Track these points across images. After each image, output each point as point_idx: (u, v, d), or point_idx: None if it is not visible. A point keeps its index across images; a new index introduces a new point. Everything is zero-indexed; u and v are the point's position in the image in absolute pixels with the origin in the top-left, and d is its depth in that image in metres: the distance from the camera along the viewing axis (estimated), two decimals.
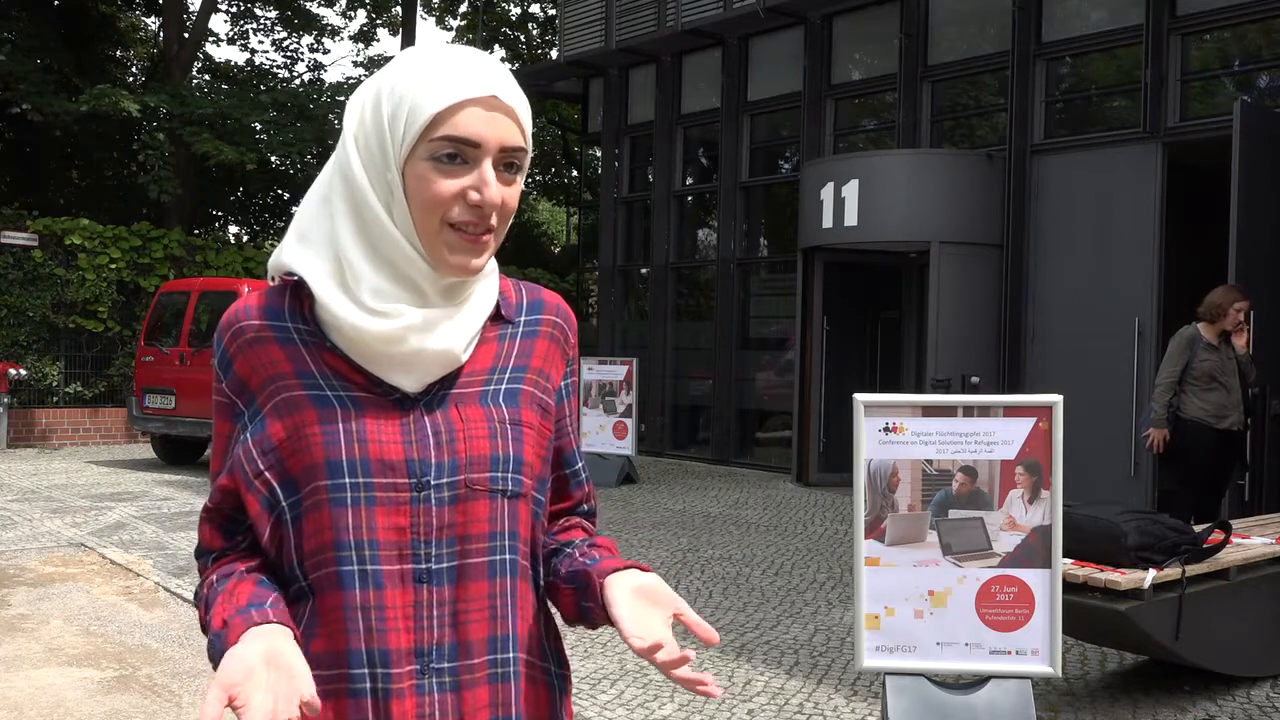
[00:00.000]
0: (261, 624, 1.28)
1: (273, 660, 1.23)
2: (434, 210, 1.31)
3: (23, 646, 5.51)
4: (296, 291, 1.38)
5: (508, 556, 1.38)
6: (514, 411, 1.40)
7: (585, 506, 1.56)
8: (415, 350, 1.33)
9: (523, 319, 1.46)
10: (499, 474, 1.37)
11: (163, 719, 4.58)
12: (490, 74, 1.32)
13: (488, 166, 1.31)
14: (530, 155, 1.37)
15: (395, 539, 1.33)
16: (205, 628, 1.35)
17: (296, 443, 1.33)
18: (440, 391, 1.37)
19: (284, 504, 1.34)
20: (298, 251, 1.37)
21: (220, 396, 1.40)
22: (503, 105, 1.32)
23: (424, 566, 1.34)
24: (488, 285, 1.42)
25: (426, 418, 1.36)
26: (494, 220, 1.33)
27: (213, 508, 1.38)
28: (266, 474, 1.34)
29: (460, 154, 1.30)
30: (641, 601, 1.34)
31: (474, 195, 1.30)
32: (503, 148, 1.32)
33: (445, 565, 1.34)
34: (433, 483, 1.34)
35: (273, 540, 1.36)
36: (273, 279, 1.42)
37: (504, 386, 1.41)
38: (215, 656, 1.28)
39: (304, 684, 1.21)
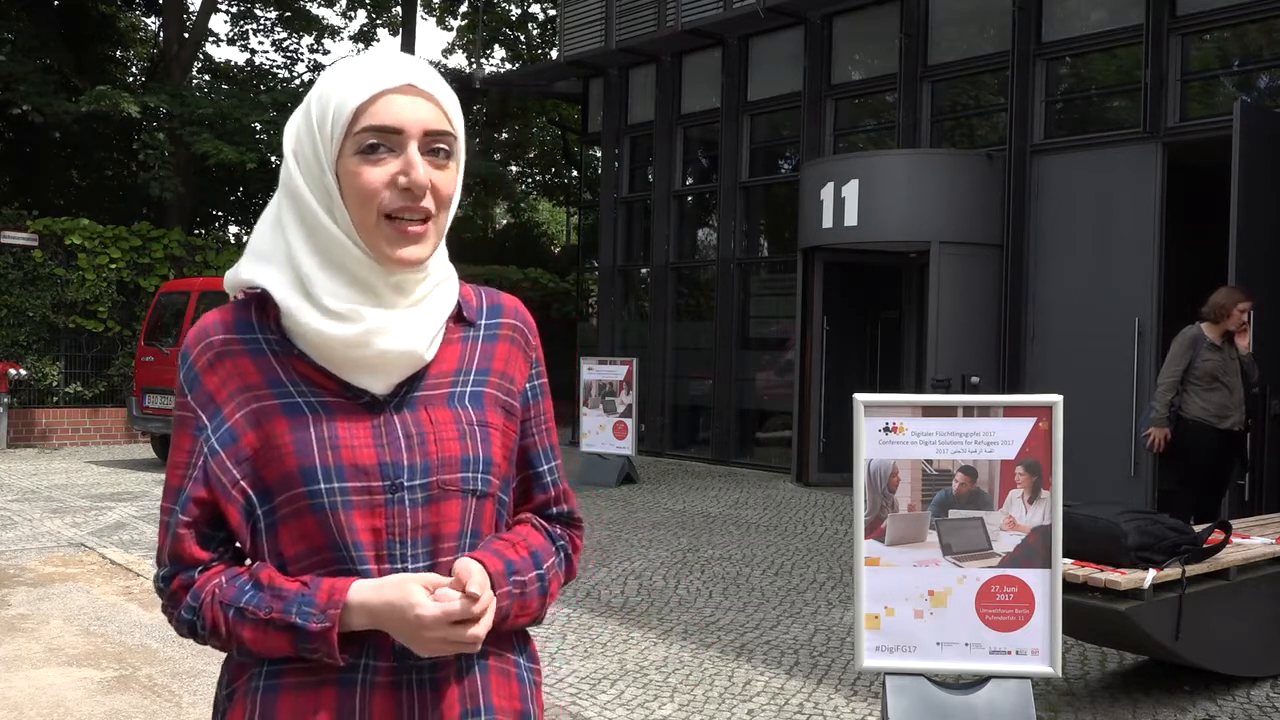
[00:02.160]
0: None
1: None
2: (368, 203, 1.34)
3: (23, 646, 5.52)
4: (262, 304, 1.41)
5: None
6: (480, 413, 1.43)
7: (553, 510, 1.56)
8: (380, 352, 1.36)
9: (483, 322, 1.49)
10: (469, 474, 1.40)
11: (163, 719, 4.58)
12: (405, 65, 1.36)
13: (413, 150, 1.34)
14: (462, 141, 1.40)
15: (372, 540, 1.35)
16: (232, 621, 1.34)
17: (269, 452, 1.35)
18: (409, 394, 1.40)
19: (259, 512, 1.36)
20: (255, 268, 1.40)
21: (184, 411, 1.40)
22: (421, 92, 1.35)
23: (399, 566, 1.36)
24: (447, 287, 1.45)
25: (397, 419, 1.38)
26: (429, 206, 1.35)
27: (190, 522, 1.38)
28: (242, 483, 1.36)
29: (385, 143, 1.34)
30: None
31: (402, 179, 1.33)
32: (426, 132, 1.35)
33: (421, 565, 1.37)
34: (406, 484, 1.36)
35: (254, 548, 1.38)
36: (235, 297, 1.46)
37: (469, 389, 1.44)
38: (306, 607, 1.31)
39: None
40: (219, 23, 43.56)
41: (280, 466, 1.34)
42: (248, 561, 1.42)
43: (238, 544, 1.41)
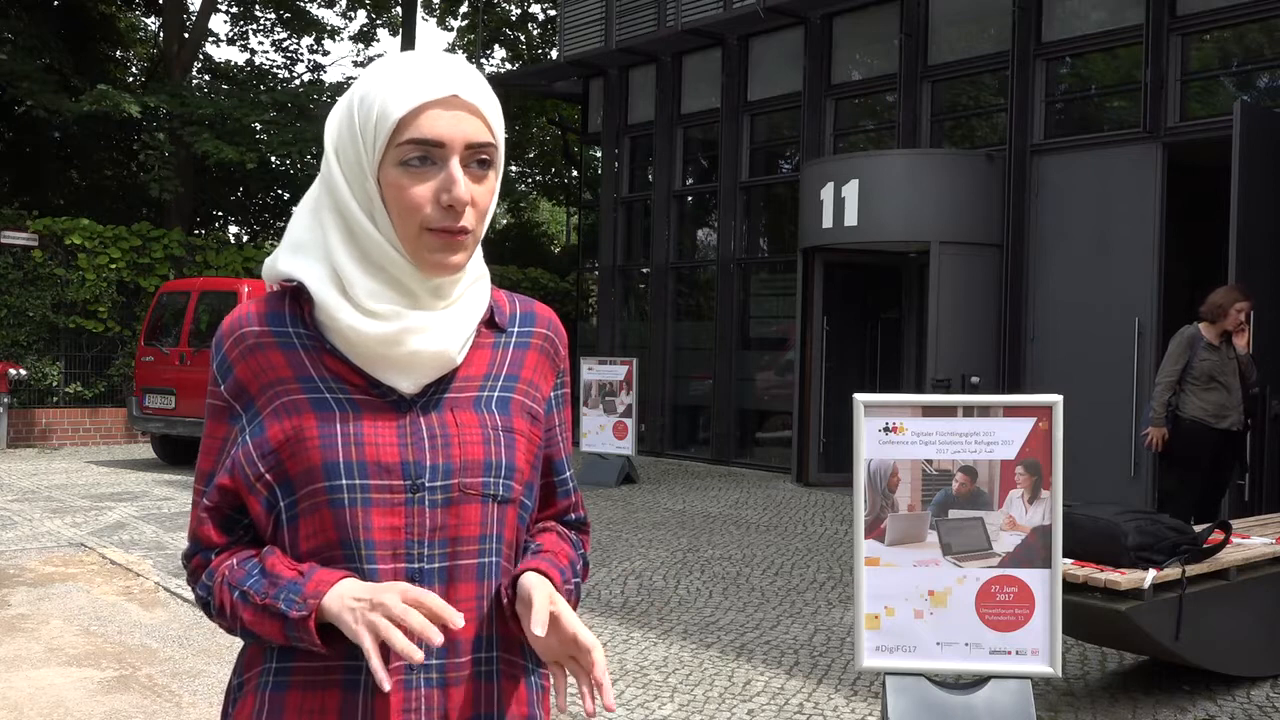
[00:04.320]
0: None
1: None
2: (411, 216, 1.35)
3: (23, 646, 5.52)
4: (296, 297, 1.42)
5: (494, 559, 1.42)
6: (506, 419, 1.44)
7: (572, 515, 1.59)
8: (412, 351, 1.37)
9: (516, 329, 1.50)
10: (491, 479, 1.40)
11: (163, 719, 4.59)
12: (450, 75, 1.35)
13: (455, 165, 1.34)
14: (502, 150, 1.41)
15: (390, 539, 1.36)
16: (236, 602, 1.36)
17: (295, 446, 1.36)
18: (436, 395, 1.41)
19: (281, 504, 1.37)
20: (293, 260, 1.41)
21: (217, 400, 1.43)
22: (464, 104, 1.35)
23: (416, 566, 1.37)
24: (479, 290, 1.46)
25: (423, 419, 1.39)
26: (469, 222, 1.36)
27: (212, 506, 1.41)
28: (267, 475, 1.37)
29: (428, 155, 1.34)
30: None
31: (444, 196, 1.34)
32: (469, 145, 1.35)
33: (437, 565, 1.38)
34: (427, 484, 1.37)
35: (274, 538, 1.40)
36: (272, 287, 1.46)
37: (496, 394, 1.45)
38: (292, 595, 1.31)
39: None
40: (219, 23, 43.62)
41: (305, 460, 1.35)
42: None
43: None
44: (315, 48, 26.80)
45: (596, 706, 1.36)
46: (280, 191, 23.20)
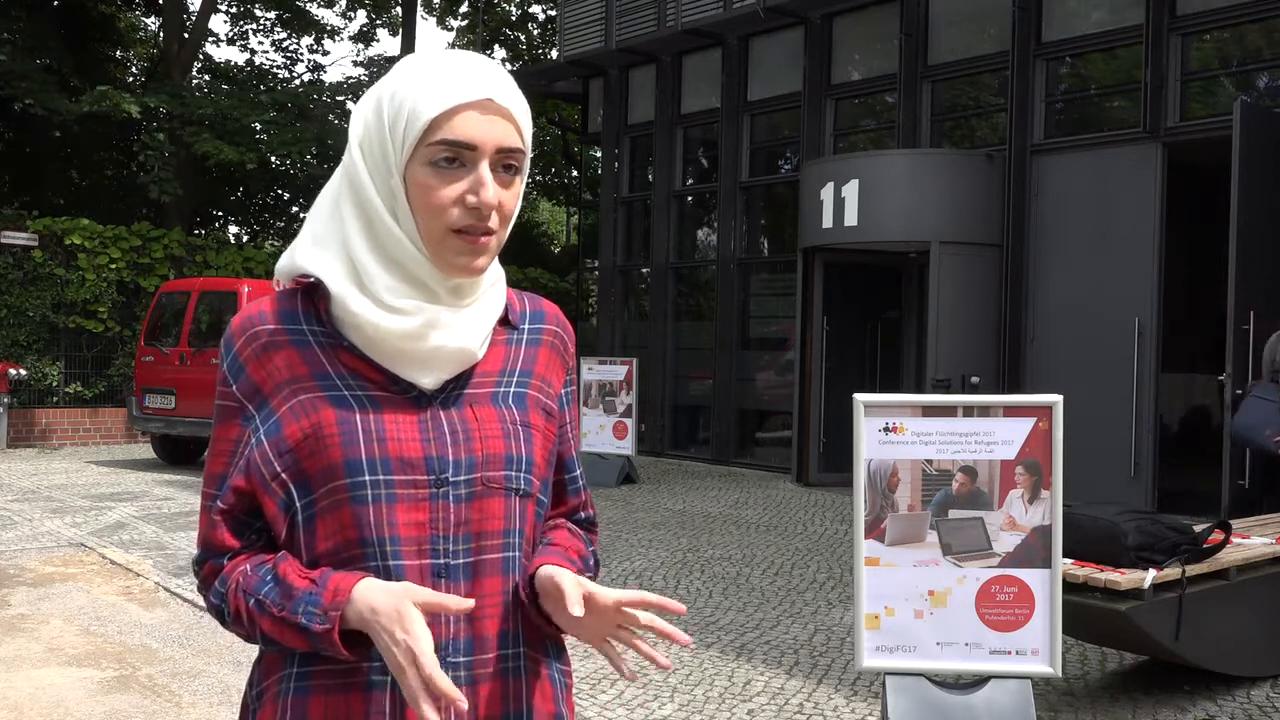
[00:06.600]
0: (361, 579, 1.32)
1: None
2: (436, 216, 1.34)
3: (23, 646, 5.52)
4: (309, 294, 1.40)
5: (516, 554, 1.41)
6: (523, 413, 1.44)
7: (582, 514, 1.59)
8: (435, 347, 1.36)
9: (526, 326, 1.51)
10: (513, 473, 1.40)
11: (163, 719, 4.59)
12: (486, 77, 1.35)
13: (484, 168, 1.33)
14: (529, 156, 1.40)
15: (415, 534, 1.35)
16: (252, 610, 1.34)
17: (315, 444, 1.34)
18: (455, 390, 1.40)
19: (298, 504, 1.36)
20: (313, 253, 1.39)
21: (229, 401, 1.40)
22: (498, 108, 1.34)
23: (442, 562, 1.36)
24: (496, 288, 1.45)
25: (443, 415, 1.39)
26: (494, 225, 1.36)
27: (226, 509, 1.39)
28: (283, 475, 1.35)
29: (458, 157, 1.33)
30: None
31: (471, 199, 1.33)
32: (499, 149, 1.35)
33: (462, 561, 1.37)
34: (451, 479, 1.36)
35: (289, 540, 1.38)
36: (277, 283, 1.44)
37: (513, 389, 1.45)
38: (311, 607, 1.30)
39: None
40: (219, 23, 43.59)
41: (325, 458, 1.34)
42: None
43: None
44: (315, 48, 26.87)
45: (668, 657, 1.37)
46: (280, 191, 23.20)
